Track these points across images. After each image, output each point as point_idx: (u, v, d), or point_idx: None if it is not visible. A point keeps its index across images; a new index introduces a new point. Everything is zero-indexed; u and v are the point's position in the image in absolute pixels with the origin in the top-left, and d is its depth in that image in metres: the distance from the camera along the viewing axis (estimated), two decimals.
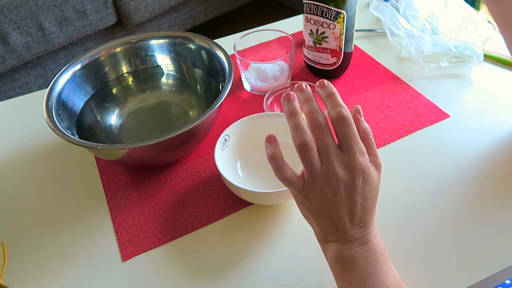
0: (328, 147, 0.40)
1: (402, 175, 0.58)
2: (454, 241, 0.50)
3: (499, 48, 0.75)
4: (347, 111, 0.40)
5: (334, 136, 0.41)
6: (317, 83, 0.43)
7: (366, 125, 0.43)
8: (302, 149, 0.39)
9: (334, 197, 0.39)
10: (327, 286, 0.47)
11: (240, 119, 0.59)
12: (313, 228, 0.44)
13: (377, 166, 0.42)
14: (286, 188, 0.49)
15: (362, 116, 0.43)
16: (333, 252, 0.41)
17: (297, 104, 0.42)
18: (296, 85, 0.43)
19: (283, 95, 0.43)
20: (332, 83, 0.75)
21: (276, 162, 0.41)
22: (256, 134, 0.60)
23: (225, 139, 0.57)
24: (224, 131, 0.58)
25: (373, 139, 0.42)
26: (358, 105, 0.44)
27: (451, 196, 0.55)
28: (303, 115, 0.42)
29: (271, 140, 0.41)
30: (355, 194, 0.40)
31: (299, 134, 0.40)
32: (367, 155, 0.41)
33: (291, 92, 0.43)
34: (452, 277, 0.47)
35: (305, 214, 0.43)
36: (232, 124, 0.58)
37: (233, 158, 0.59)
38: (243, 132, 0.59)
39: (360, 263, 0.40)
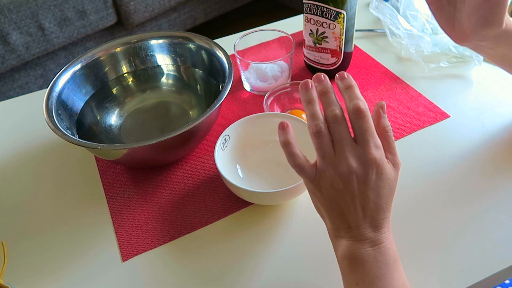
0: (343, 138, 0.39)
1: (401, 175, 0.58)
2: (454, 241, 0.50)
3: None
4: (364, 104, 0.40)
5: (351, 129, 0.40)
6: (337, 75, 0.43)
7: (387, 122, 0.42)
8: (316, 135, 0.40)
9: (346, 189, 0.39)
10: (327, 286, 0.47)
11: (240, 119, 0.59)
12: (325, 223, 0.43)
13: (395, 164, 0.41)
14: (286, 188, 0.49)
15: (385, 113, 0.42)
16: (344, 250, 0.40)
17: (314, 93, 0.42)
18: (314, 75, 0.43)
19: (301, 83, 0.42)
20: (332, 83, 0.75)
21: (289, 148, 0.41)
22: (256, 134, 0.60)
23: (225, 139, 0.57)
24: (224, 131, 0.57)
25: (392, 137, 0.42)
26: (383, 101, 0.43)
27: (451, 196, 0.55)
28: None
29: (283, 127, 0.41)
30: (368, 189, 0.39)
31: (314, 122, 0.40)
32: (382, 150, 0.40)
33: (309, 80, 0.42)
34: (452, 277, 0.47)
35: (317, 207, 0.43)
36: (232, 124, 0.58)
37: (233, 158, 0.59)
38: (243, 132, 0.59)
39: (369, 265, 0.39)
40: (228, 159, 0.58)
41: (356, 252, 0.39)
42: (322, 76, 0.42)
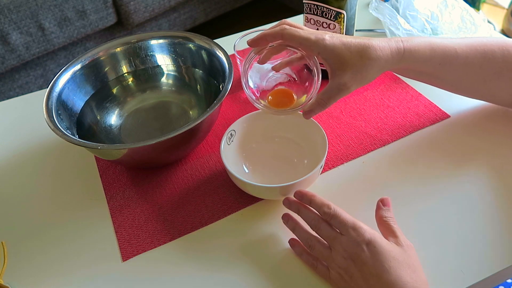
0: (329, 237, 0.46)
1: (401, 175, 0.58)
2: (454, 241, 0.50)
3: None
4: (329, 207, 0.46)
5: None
6: (294, 195, 0.50)
7: (385, 213, 0.48)
8: (310, 249, 0.48)
9: (351, 277, 0.43)
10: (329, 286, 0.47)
11: (246, 115, 0.59)
12: None
13: (398, 244, 0.44)
14: (292, 182, 0.50)
15: (386, 206, 0.49)
16: None
17: (294, 219, 0.50)
18: (295, 193, 0.50)
19: (282, 217, 0.51)
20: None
21: (302, 259, 0.50)
22: (261, 129, 0.60)
23: (231, 134, 0.58)
24: (230, 126, 0.58)
25: (392, 223, 0.47)
26: (387, 197, 0.49)
27: (450, 196, 0.55)
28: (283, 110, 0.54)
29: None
30: (368, 267, 0.42)
31: (304, 241, 0.49)
32: (364, 229, 0.44)
33: (287, 213, 0.51)
34: (452, 277, 0.47)
35: None
36: (238, 120, 0.59)
37: (238, 153, 0.59)
38: (249, 128, 0.60)
39: None
40: (234, 154, 0.58)
41: None
42: (299, 192, 0.50)
